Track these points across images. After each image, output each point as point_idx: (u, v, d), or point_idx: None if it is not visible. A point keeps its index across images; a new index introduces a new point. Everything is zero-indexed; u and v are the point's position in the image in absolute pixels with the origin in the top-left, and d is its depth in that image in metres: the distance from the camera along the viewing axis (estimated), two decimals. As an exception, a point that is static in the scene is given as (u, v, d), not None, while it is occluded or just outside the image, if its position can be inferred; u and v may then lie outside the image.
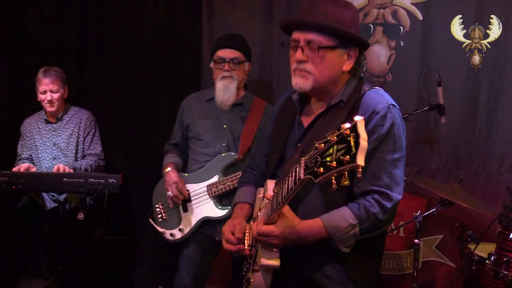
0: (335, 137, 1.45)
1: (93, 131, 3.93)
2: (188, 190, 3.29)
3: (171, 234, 3.33)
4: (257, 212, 2.12)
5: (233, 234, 2.10)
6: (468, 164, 3.76)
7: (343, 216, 1.85)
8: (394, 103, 1.94)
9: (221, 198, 3.26)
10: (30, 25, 4.39)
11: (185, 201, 3.30)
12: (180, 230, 3.31)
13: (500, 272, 2.86)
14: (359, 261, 1.97)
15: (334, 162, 1.43)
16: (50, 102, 3.77)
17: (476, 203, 3.34)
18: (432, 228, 3.78)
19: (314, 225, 1.87)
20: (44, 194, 3.77)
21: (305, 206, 1.95)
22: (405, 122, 2.04)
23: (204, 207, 3.27)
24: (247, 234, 2.15)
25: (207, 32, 4.12)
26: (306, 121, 2.05)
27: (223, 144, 3.28)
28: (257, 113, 3.31)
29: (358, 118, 1.43)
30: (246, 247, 2.11)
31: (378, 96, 1.94)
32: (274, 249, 1.91)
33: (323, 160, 1.46)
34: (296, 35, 1.93)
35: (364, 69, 2.06)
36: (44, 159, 3.83)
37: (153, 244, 4.13)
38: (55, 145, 3.84)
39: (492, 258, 2.92)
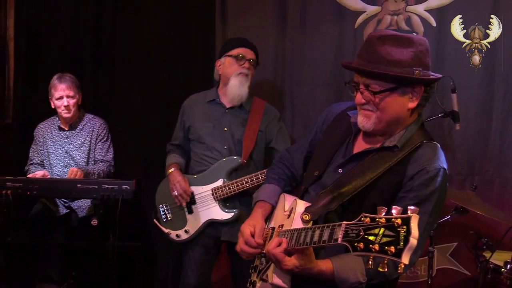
0: (384, 220, 1.41)
1: (105, 138, 3.93)
2: (192, 192, 3.34)
3: (177, 235, 3.39)
4: (278, 225, 2.08)
5: (252, 236, 2.08)
6: (483, 171, 3.74)
7: (354, 271, 1.83)
8: (445, 166, 1.89)
9: (225, 201, 3.32)
10: (44, 32, 4.42)
11: (190, 203, 3.36)
12: (186, 231, 3.37)
13: (516, 281, 2.84)
14: None
15: (377, 246, 1.40)
16: (67, 107, 3.75)
17: (491, 210, 3.31)
18: (446, 235, 3.76)
19: (324, 272, 1.85)
20: (57, 201, 3.78)
21: None
22: None
23: (210, 210, 3.32)
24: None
25: (220, 38, 4.13)
26: (356, 147, 2.01)
27: (225, 147, 3.33)
28: (258, 114, 3.36)
29: (412, 213, 1.37)
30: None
31: (433, 154, 1.88)
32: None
33: (365, 236, 1.43)
34: (355, 77, 1.91)
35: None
36: (55, 166, 3.84)
37: (166, 250, 4.14)
38: (67, 152, 3.85)
39: (508, 267, 2.91)
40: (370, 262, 1.43)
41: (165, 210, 3.44)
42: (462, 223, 3.63)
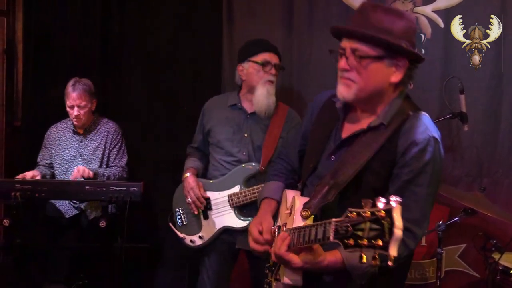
0: (369, 213, 1.41)
1: (119, 144, 3.91)
2: (208, 198, 3.29)
3: (191, 241, 3.34)
4: (282, 224, 2.08)
5: (260, 233, 2.10)
6: (491, 173, 3.73)
7: None
8: (436, 134, 1.88)
9: (241, 209, 3.25)
10: (52, 35, 4.43)
11: (206, 209, 3.30)
12: (200, 237, 3.32)
13: (525, 283, 2.82)
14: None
15: (365, 240, 1.40)
16: (77, 117, 3.76)
17: (500, 212, 3.30)
18: (455, 237, 3.74)
19: (334, 263, 1.85)
20: (66, 202, 3.80)
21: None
22: None
23: (225, 217, 3.27)
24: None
25: (227, 40, 4.14)
26: (345, 131, 2.00)
27: (244, 153, 3.25)
28: (279, 120, 3.27)
29: (393, 204, 1.38)
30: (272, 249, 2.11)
31: (421, 125, 1.87)
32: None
33: (354, 232, 1.43)
34: (343, 43, 1.90)
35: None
36: (70, 169, 3.81)
37: (174, 253, 4.14)
38: (81, 156, 3.84)
39: (517, 268, 2.89)
40: (364, 257, 1.42)
41: (181, 214, 3.39)
42: (471, 225, 3.61)
